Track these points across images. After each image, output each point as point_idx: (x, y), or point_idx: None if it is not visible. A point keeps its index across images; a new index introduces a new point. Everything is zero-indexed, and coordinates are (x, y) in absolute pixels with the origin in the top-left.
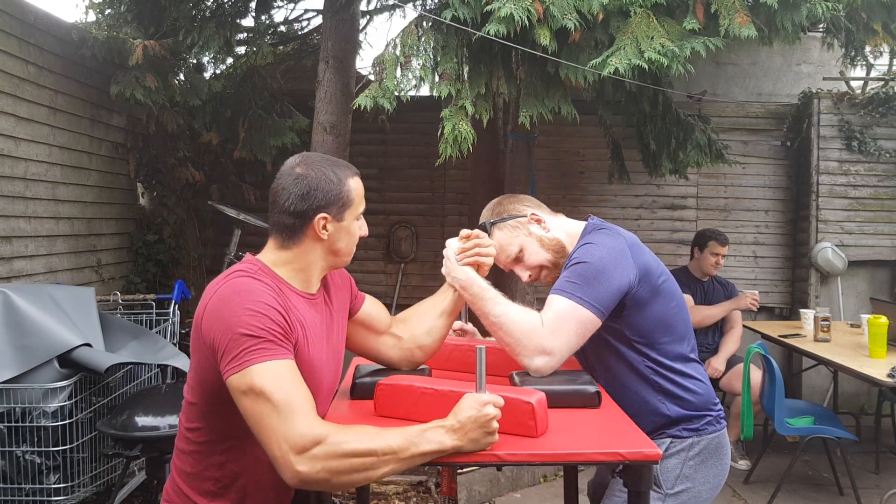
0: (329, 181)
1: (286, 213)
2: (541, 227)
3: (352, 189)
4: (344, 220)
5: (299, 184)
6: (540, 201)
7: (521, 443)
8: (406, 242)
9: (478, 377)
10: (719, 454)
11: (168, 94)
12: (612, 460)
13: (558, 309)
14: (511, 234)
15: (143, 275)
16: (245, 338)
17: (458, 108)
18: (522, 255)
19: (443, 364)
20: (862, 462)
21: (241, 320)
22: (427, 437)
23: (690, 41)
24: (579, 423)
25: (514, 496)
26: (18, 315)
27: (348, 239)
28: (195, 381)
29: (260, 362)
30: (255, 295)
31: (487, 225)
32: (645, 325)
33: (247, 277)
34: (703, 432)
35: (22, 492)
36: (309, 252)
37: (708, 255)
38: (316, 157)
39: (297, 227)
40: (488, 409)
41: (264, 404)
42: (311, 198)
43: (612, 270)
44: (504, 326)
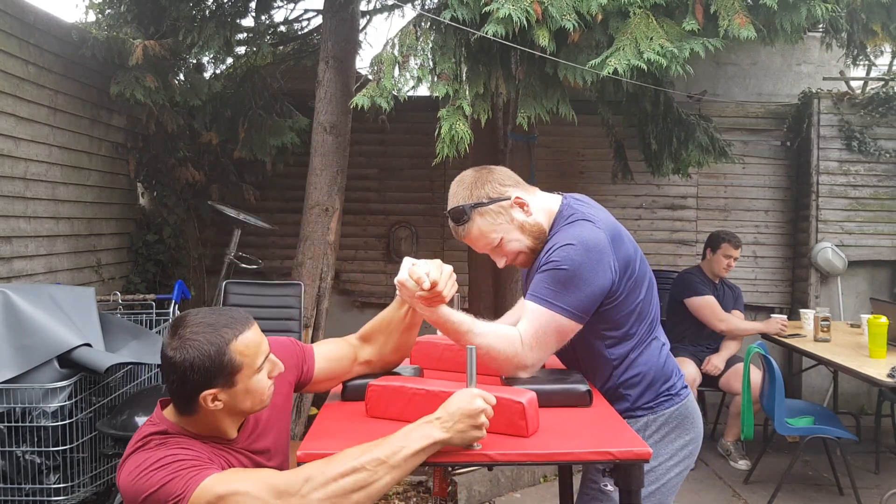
0: (205, 355)
1: (172, 392)
2: (523, 211)
3: (236, 354)
4: (237, 385)
5: (174, 367)
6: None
7: (512, 443)
8: (406, 242)
9: (468, 376)
10: (682, 426)
11: (168, 94)
12: (602, 459)
13: (537, 321)
14: (493, 220)
15: (143, 275)
16: (165, 487)
17: (455, 108)
18: (502, 242)
19: (434, 364)
20: (862, 462)
21: (149, 482)
22: (413, 436)
23: (690, 42)
24: (570, 422)
25: (514, 496)
26: (18, 315)
27: (251, 395)
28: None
29: (200, 483)
30: (148, 461)
31: (468, 208)
32: (620, 317)
33: (140, 451)
34: (659, 408)
35: (22, 492)
36: (210, 418)
37: (720, 256)
38: (192, 322)
39: (188, 403)
40: (477, 402)
41: (235, 499)
42: (189, 380)
43: (593, 274)
44: (487, 354)
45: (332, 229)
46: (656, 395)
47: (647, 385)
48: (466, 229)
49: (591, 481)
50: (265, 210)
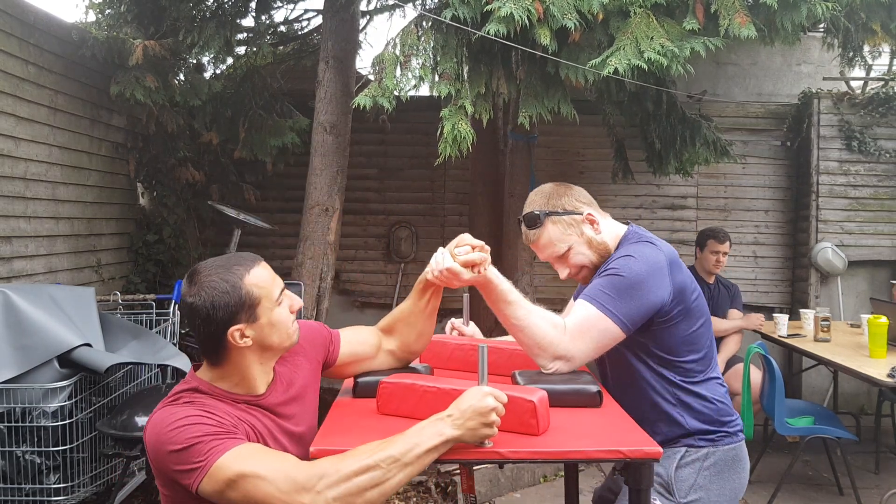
0: (223, 292)
1: (203, 338)
2: (593, 228)
3: (252, 287)
4: (261, 318)
5: (196, 310)
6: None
7: (522, 441)
8: (406, 242)
9: (480, 374)
10: (736, 467)
11: (168, 94)
12: (613, 458)
13: (584, 315)
14: (564, 230)
15: (143, 275)
16: (189, 449)
17: (457, 107)
18: (569, 254)
19: (444, 364)
20: (862, 462)
21: (177, 438)
22: (425, 433)
23: (690, 41)
24: (580, 421)
25: (514, 496)
26: (18, 315)
27: (277, 330)
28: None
29: (221, 454)
30: (179, 414)
31: (542, 215)
32: (671, 341)
33: (170, 406)
34: (720, 443)
35: (22, 492)
36: (241, 361)
37: (708, 254)
38: (204, 269)
39: (217, 347)
40: (488, 400)
41: (249, 482)
42: (213, 318)
43: (647, 287)
44: (526, 329)
45: (332, 229)
46: (717, 428)
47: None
48: (537, 234)
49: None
50: (265, 210)
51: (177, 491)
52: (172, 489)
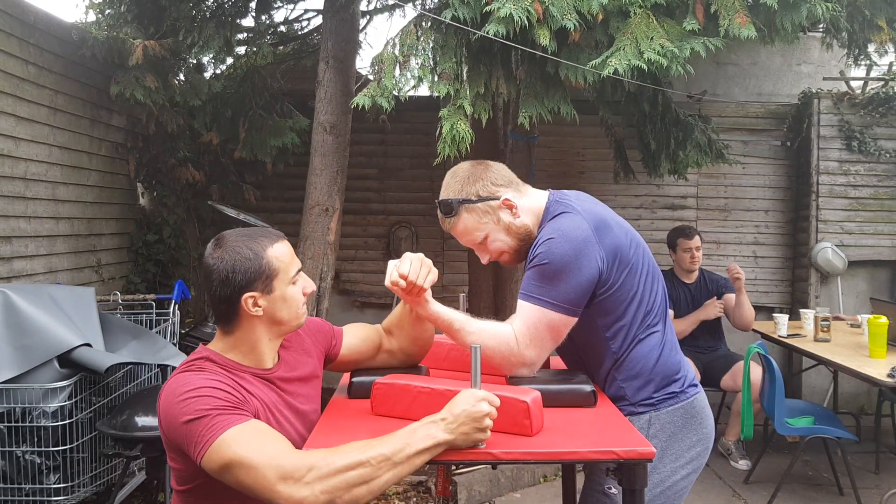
0: (245, 259)
1: (215, 301)
2: (511, 213)
3: (273, 258)
4: (275, 291)
5: (217, 271)
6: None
7: (516, 441)
8: (406, 242)
9: (473, 375)
10: (689, 425)
11: (168, 94)
12: (606, 458)
13: (528, 317)
14: (479, 218)
15: (143, 275)
16: (196, 421)
17: (456, 107)
18: (486, 240)
19: (440, 364)
20: (862, 462)
21: (187, 408)
22: (418, 435)
23: (690, 41)
24: (574, 422)
25: (514, 496)
26: (18, 315)
27: (287, 307)
28: (178, 474)
29: (221, 434)
30: (193, 383)
31: (455, 203)
32: (616, 305)
33: (185, 373)
34: (662, 406)
35: (22, 492)
36: (251, 331)
37: (681, 252)
38: (231, 235)
39: (229, 311)
40: (482, 405)
41: (242, 469)
42: (231, 281)
43: (577, 265)
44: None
45: (332, 229)
46: (658, 390)
47: (646, 379)
48: (452, 223)
49: (595, 483)
50: (265, 210)
51: (186, 463)
52: (182, 461)
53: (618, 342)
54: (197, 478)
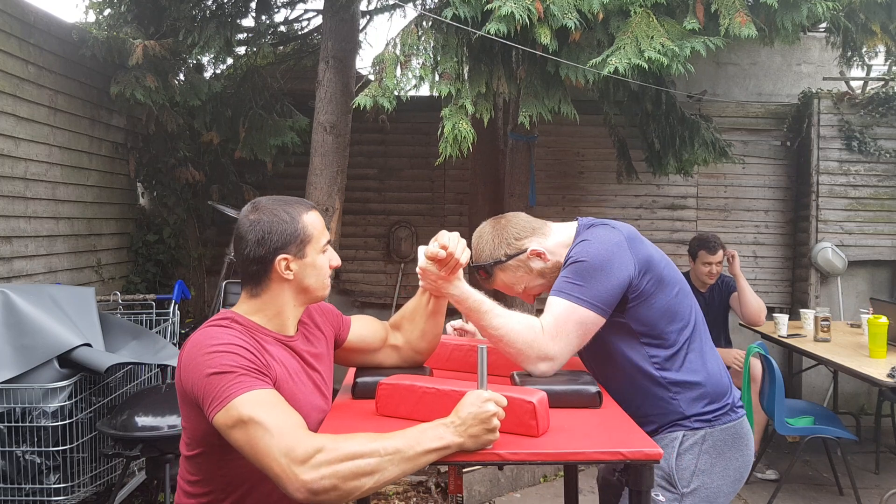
0: (282, 222)
1: (248, 262)
2: (541, 259)
3: (308, 224)
4: (307, 257)
5: (253, 230)
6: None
7: (522, 442)
8: (406, 242)
9: (479, 376)
10: (738, 445)
11: (168, 94)
12: (613, 460)
13: (557, 311)
14: (514, 273)
15: (143, 275)
16: (219, 376)
17: (458, 107)
18: (525, 291)
19: (444, 364)
20: (862, 462)
21: (212, 362)
22: (428, 434)
23: (690, 41)
24: (580, 422)
25: (514, 496)
26: (18, 315)
27: (316, 274)
28: (188, 435)
29: (241, 394)
30: (221, 339)
31: (489, 267)
32: (650, 316)
33: (213, 327)
34: (717, 423)
35: (22, 492)
36: (279, 295)
37: (700, 265)
38: (267, 200)
39: (261, 273)
40: (488, 406)
41: (255, 429)
42: (267, 241)
43: (611, 265)
44: (504, 338)
45: (332, 229)
46: (712, 404)
47: (699, 392)
48: (491, 282)
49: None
50: None
51: (198, 421)
52: (195, 418)
53: (662, 353)
54: (206, 439)
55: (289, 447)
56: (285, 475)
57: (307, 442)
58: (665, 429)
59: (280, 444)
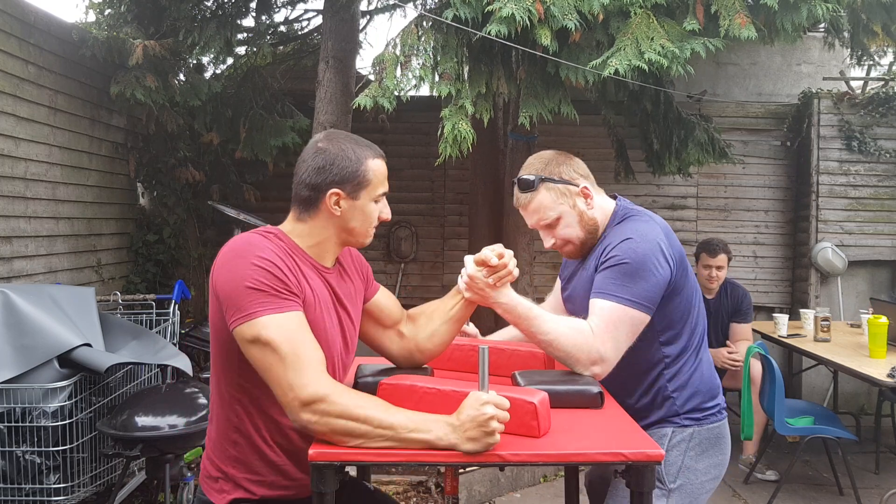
0: (347, 158)
1: (303, 185)
2: (586, 202)
3: (370, 170)
4: (359, 200)
5: (317, 157)
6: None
7: (523, 443)
8: (406, 242)
9: (480, 377)
10: (719, 444)
11: (168, 94)
12: (614, 460)
13: (606, 314)
14: (556, 198)
15: (143, 275)
16: (251, 290)
17: (458, 107)
18: (557, 223)
19: (444, 364)
20: (862, 462)
21: (248, 273)
22: (428, 426)
23: (690, 42)
24: (582, 423)
25: (514, 496)
26: (18, 315)
27: (363, 219)
28: (212, 333)
29: (267, 314)
30: (263, 251)
31: (536, 180)
32: (673, 311)
33: (258, 235)
34: (705, 422)
35: (22, 492)
36: (323, 227)
37: (700, 268)
38: (342, 134)
39: (311, 200)
40: (486, 409)
41: (271, 355)
42: (326, 172)
43: (654, 264)
44: (555, 342)
45: None
46: (704, 407)
47: (694, 391)
48: (529, 197)
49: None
50: (265, 210)
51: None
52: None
53: (673, 350)
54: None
55: (297, 385)
56: (287, 406)
57: (314, 386)
58: (657, 425)
59: (289, 378)
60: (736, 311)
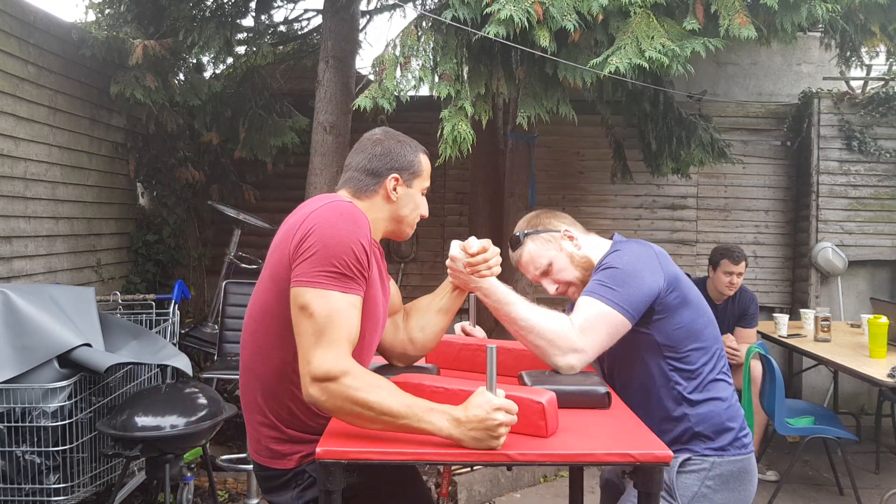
0: (405, 147)
1: (361, 171)
2: (572, 243)
3: (422, 162)
4: (413, 188)
5: (378, 146)
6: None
7: (531, 443)
8: (406, 242)
9: (489, 377)
10: (743, 479)
11: (168, 94)
12: (622, 461)
13: (588, 311)
14: (543, 246)
15: (142, 275)
16: (333, 266)
17: (457, 108)
18: (551, 269)
19: (451, 364)
20: (862, 462)
21: (343, 248)
22: (431, 417)
23: (690, 42)
24: (589, 423)
25: (515, 496)
26: (18, 315)
27: (412, 208)
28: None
29: (325, 288)
30: (365, 231)
31: (521, 236)
32: (675, 332)
33: (356, 207)
34: (726, 454)
35: (22, 492)
36: (377, 210)
37: (721, 274)
38: (392, 131)
39: (370, 185)
40: (497, 415)
41: (307, 322)
42: (386, 158)
43: (641, 274)
44: (533, 330)
45: None
46: (723, 437)
47: (720, 424)
48: (519, 253)
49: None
50: (265, 210)
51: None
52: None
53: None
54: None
55: (315, 360)
56: (302, 377)
57: (331, 364)
58: (672, 445)
59: (312, 352)
60: (742, 315)
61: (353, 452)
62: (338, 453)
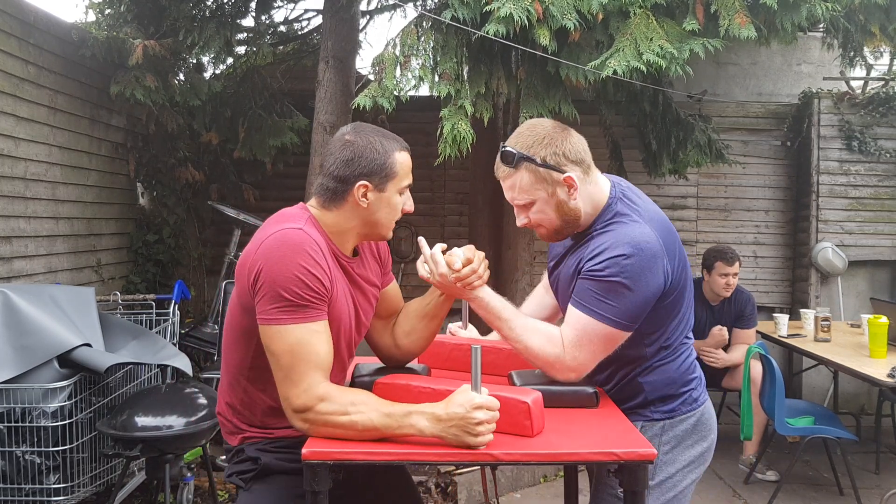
0: (374, 150)
1: (330, 177)
2: (568, 193)
3: (397, 162)
4: (385, 192)
5: (345, 150)
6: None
7: (516, 442)
8: (406, 242)
9: (473, 377)
10: (698, 430)
11: (168, 94)
12: (607, 460)
13: (580, 326)
14: (533, 183)
15: (142, 275)
16: (283, 299)
17: (457, 107)
18: (530, 206)
19: (443, 364)
20: (862, 462)
21: (288, 280)
22: (410, 421)
23: (690, 42)
24: (575, 423)
25: (514, 496)
26: (18, 315)
27: (388, 211)
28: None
29: (282, 324)
30: (307, 257)
31: (518, 157)
32: (663, 317)
33: (301, 232)
34: (676, 413)
35: (22, 492)
36: (348, 218)
37: (716, 276)
38: (368, 127)
39: (338, 192)
40: (476, 414)
41: (275, 362)
42: (354, 164)
43: (645, 283)
44: (526, 350)
45: None
46: (673, 399)
47: (670, 389)
48: (507, 172)
49: (607, 486)
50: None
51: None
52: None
53: (653, 349)
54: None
55: (290, 396)
56: (283, 405)
57: (305, 397)
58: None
59: (284, 389)
60: (739, 316)
61: (339, 453)
62: (324, 454)
